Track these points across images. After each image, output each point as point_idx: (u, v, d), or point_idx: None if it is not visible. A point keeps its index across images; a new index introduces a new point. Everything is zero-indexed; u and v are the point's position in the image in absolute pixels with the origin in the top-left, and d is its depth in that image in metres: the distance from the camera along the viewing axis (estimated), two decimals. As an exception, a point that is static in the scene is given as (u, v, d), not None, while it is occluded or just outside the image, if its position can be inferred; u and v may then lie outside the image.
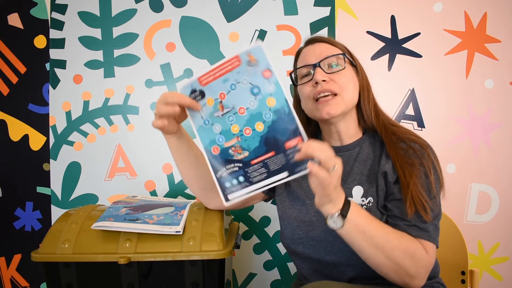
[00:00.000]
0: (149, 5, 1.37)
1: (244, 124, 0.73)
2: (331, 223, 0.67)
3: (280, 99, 0.70)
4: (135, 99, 1.38)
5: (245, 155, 0.73)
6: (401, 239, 0.70)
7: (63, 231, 0.86)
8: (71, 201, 1.38)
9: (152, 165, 1.38)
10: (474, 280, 1.01)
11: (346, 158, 0.85)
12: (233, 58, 0.71)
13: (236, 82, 0.72)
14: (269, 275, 1.38)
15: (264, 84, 0.71)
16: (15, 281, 1.41)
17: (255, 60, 0.70)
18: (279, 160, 0.71)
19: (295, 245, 0.84)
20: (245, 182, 0.73)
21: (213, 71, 0.73)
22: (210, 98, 0.74)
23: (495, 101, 1.34)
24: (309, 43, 0.87)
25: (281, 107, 0.70)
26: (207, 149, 0.75)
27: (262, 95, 0.71)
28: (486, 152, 1.34)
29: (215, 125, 0.75)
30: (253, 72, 0.71)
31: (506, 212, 1.33)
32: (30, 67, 1.40)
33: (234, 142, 0.74)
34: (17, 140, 1.40)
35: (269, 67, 0.70)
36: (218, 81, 0.73)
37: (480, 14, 1.34)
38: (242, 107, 0.73)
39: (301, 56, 0.87)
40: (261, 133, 0.72)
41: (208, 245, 0.82)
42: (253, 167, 0.72)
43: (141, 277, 0.84)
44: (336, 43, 0.86)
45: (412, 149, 0.77)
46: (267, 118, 0.71)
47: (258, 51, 0.70)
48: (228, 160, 0.74)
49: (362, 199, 0.79)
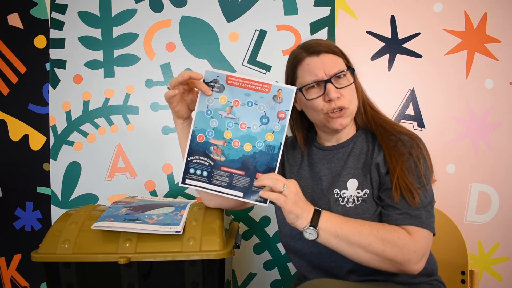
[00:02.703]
0: (149, 5, 1.37)
1: (238, 137, 0.80)
2: (307, 235, 0.74)
3: (277, 140, 0.78)
4: (135, 99, 1.38)
5: (221, 159, 0.80)
6: (378, 231, 0.74)
7: (63, 231, 0.86)
8: (71, 201, 1.38)
9: (152, 165, 1.38)
10: (474, 280, 1.01)
11: (341, 155, 0.89)
12: (267, 83, 0.79)
13: (255, 103, 0.79)
14: (269, 275, 1.38)
15: (275, 121, 0.79)
16: (15, 281, 1.41)
17: (280, 99, 0.78)
18: (243, 181, 0.79)
19: (294, 241, 0.86)
20: (206, 178, 0.80)
21: (243, 79, 0.79)
22: (225, 97, 0.80)
23: (495, 101, 1.34)
24: (313, 53, 0.85)
25: (274, 145, 0.79)
26: (194, 133, 0.80)
27: (266, 127, 0.79)
28: (486, 152, 1.34)
29: (213, 120, 0.80)
30: (273, 106, 0.79)
31: (506, 212, 1.33)
32: (30, 67, 1.40)
33: (220, 143, 0.80)
34: (17, 140, 1.40)
35: (287, 111, 0.78)
36: (241, 90, 0.79)
37: (480, 14, 1.34)
38: (245, 124, 0.80)
39: (305, 66, 0.85)
40: (245, 153, 0.79)
41: (208, 245, 0.83)
42: (220, 172, 0.80)
43: (141, 277, 0.84)
44: (336, 51, 0.86)
45: (401, 140, 0.81)
46: (258, 146, 0.79)
47: (288, 93, 0.78)
48: (205, 153, 0.80)
49: (358, 191, 0.83)
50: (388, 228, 0.75)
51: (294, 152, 0.97)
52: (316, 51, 0.84)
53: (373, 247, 0.73)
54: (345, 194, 0.83)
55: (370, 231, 0.74)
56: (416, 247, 0.74)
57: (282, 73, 1.35)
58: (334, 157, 0.89)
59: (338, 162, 0.88)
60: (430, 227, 0.76)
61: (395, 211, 0.77)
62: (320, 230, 0.73)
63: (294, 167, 0.95)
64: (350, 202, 0.82)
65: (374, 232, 0.74)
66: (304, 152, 0.95)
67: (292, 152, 0.98)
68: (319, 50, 0.84)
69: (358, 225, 0.75)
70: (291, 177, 0.93)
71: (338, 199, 0.83)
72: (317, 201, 0.86)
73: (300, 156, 0.95)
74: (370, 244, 0.73)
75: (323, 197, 0.86)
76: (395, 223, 0.76)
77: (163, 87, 1.38)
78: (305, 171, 0.92)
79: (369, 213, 0.80)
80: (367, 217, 0.79)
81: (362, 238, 0.73)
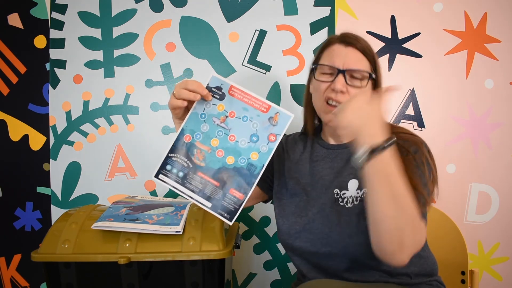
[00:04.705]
0: (149, 5, 1.37)
1: (224, 147, 0.79)
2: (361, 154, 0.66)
3: (261, 161, 0.78)
4: (135, 99, 1.38)
5: (201, 164, 0.79)
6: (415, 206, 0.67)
7: (63, 231, 0.86)
8: (71, 201, 1.38)
9: (152, 165, 1.37)
10: (474, 280, 1.01)
11: (345, 155, 0.88)
12: (266, 103, 0.79)
13: (250, 119, 0.79)
14: (269, 275, 1.38)
15: (264, 141, 0.78)
16: (15, 281, 1.41)
17: (276, 122, 0.79)
18: (215, 192, 0.78)
19: (293, 239, 0.85)
20: (180, 179, 0.79)
21: (245, 93, 0.80)
22: (223, 106, 0.80)
23: (495, 101, 1.34)
24: (343, 42, 0.85)
25: (256, 165, 0.78)
26: (183, 131, 0.80)
27: (254, 145, 0.79)
28: (486, 152, 1.34)
29: (205, 124, 0.80)
30: (266, 127, 0.79)
31: (506, 212, 1.33)
32: (30, 67, 1.40)
33: (204, 149, 0.80)
34: (17, 140, 1.40)
35: (279, 135, 0.78)
36: (240, 103, 0.80)
37: (480, 14, 1.34)
38: (234, 137, 0.79)
39: (329, 51, 0.86)
40: (226, 165, 0.79)
41: (208, 245, 0.83)
42: (196, 177, 0.79)
43: (141, 277, 0.84)
44: (368, 52, 0.85)
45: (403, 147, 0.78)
46: (240, 162, 0.79)
47: (285, 118, 0.78)
48: (187, 154, 0.80)
49: (357, 191, 0.82)
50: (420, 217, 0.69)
51: (295, 148, 0.97)
52: (346, 42, 0.84)
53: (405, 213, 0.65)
54: (345, 195, 0.83)
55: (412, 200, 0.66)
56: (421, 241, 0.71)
57: (282, 73, 1.37)
58: (337, 157, 0.89)
59: (341, 162, 0.87)
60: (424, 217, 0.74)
61: None
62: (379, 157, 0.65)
63: (294, 164, 0.94)
64: (349, 203, 0.81)
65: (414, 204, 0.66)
66: (306, 147, 0.94)
67: (292, 147, 0.97)
68: (349, 42, 0.84)
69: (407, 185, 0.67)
70: (290, 173, 0.92)
71: (338, 199, 0.83)
72: (316, 199, 0.86)
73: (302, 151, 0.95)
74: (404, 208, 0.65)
75: (322, 197, 0.85)
76: None
77: (163, 87, 1.38)
78: (305, 168, 0.91)
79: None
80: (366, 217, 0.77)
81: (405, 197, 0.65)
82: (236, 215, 0.77)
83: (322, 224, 0.82)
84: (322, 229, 0.82)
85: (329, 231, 0.81)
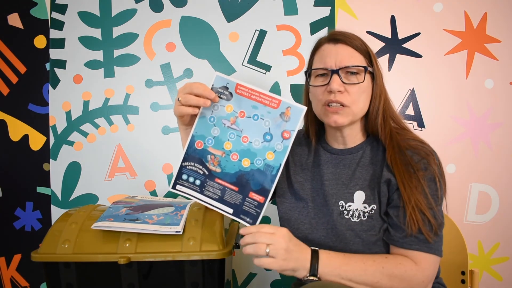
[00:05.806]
0: (149, 5, 1.37)
1: (238, 150, 0.75)
2: (309, 282, 0.70)
3: (278, 160, 0.74)
4: (135, 99, 1.38)
5: (217, 170, 0.76)
6: (383, 267, 0.71)
7: (63, 231, 0.86)
8: (71, 201, 1.38)
9: (152, 165, 1.38)
10: (474, 280, 1.00)
11: (349, 162, 0.85)
12: (276, 98, 0.74)
13: (261, 117, 0.75)
14: (269, 275, 1.38)
15: (278, 139, 0.74)
16: (15, 281, 1.41)
17: (288, 117, 0.74)
18: (235, 198, 0.75)
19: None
20: (197, 187, 0.77)
21: (253, 90, 0.75)
22: (231, 106, 0.76)
23: (495, 101, 1.34)
24: (331, 41, 0.82)
25: (273, 166, 0.74)
26: (193, 138, 0.77)
27: (269, 145, 0.74)
28: (486, 152, 1.34)
29: (215, 128, 0.76)
30: (279, 123, 0.74)
31: (506, 212, 1.33)
32: (30, 67, 1.40)
33: (218, 154, 0.76)
34: (17, 140, 1.40)
35: (293, 131, 0.74)
36: (249, 101, 0.75)
37: (480, 14, 1.34)
38: (247, 137, 0.75)
39: (320, 52, 0.83)
40: (242, 168, 0.75)
41: (208, 245, 0.82)
42: (213, 184, 0.76)
43: (141, 277, 0.84)
44: (359, 46, 0.82)
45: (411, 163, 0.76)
46: (257, 164, 0.75)
47: (297, 112, 0.73)
48: (201, 161, 0.77)
49: (365, 206, 0.79)
50: (393, 261, 0.72)
51: (299, 149, 0.93)
52: (335, 40, 0.81)
53: (381, 284, 0.71)
54: (350, 207, 0.80)
55: (375, 269, 0.71)
56: (424, 276, 0.72)
57: (282, 73, 1.37)
58: (341, 163, 0.85)
59: (345, 170, 0.84)
60: (438, 252, 0.73)
61: (402, 233, 0.74)
62: (322, 277, 0.71)
63: (298, 167, 0.91)
64: (356, 217, 0.78)
65: (380, 268, 0.71)
66: (310, 150, 0.91)
67: (296, 148, 0.94)
68: (338, 39, 0.81)
69: (361, 262, 0.72)
70: (296, 178, 0.89)
71: (343, 211, 0.80)
72: (320, 208, 0.83)
73: (306, 154, 0.92)
74: (377, 282, 0.71)
75: (326, 207, 0.82)
76: (401, 246, 0.74)
77: (163, 87, 1.38)
78: (309, 171, 0.89)
79: (375, 230, 0.77)
80: (373, 234, 0.76)
81: (368, 277, 0.71)
82: (258, 219, 0.75)
83: (325, 236, 0.81)
84: (325, 241, 0.80)
85: (333, 245, 0.79)
